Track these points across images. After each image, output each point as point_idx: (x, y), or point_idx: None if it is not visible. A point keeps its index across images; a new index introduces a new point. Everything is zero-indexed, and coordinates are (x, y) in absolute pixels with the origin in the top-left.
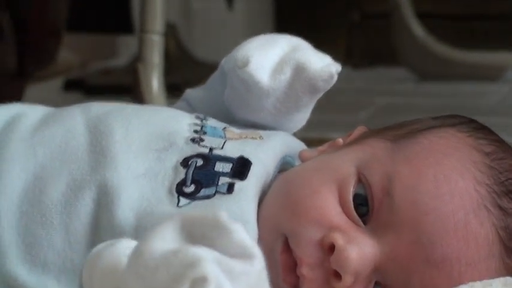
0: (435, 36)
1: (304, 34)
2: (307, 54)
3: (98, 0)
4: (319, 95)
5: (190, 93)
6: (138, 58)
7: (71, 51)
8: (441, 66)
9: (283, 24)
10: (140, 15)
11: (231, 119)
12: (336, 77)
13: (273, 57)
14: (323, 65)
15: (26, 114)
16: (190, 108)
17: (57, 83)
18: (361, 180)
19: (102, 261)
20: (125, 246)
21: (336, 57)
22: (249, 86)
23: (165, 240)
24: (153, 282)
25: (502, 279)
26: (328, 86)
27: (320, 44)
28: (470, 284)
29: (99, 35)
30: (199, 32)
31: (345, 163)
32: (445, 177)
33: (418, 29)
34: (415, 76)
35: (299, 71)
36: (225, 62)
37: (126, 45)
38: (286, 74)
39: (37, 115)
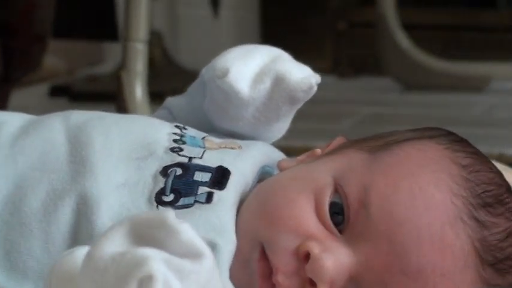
0: (420, 46)
1: (290, 43)
2: (287, 65)
3: (84, 7)
4: (299, 106)
5: (171, 101)
6: (122, 66)
7: (57, 58)
8: (426, 76)
9: (270, 32)
10: (124, 24)
11: (211, 128)
12: (315, 88)
13: (253, 68)
14: (303, 76)
15: (6, 122)
16: (171, 117)
17: (42, 89)
18: (337, 190)
19: (60, 267)
20: (83, 253)
21: (322, 66)
22: (229, 95)
23: (115, 243)
24: (103, 284)
25: None
26: (308, 97)
27: (307, 52)
28: None
29: (86, 41)
30: (185, 40)
31: (322, 173)
32: (420, 189)
33: (403, 39)
34: (400, 86)
35: (279, 81)
36: (205, 71)
37: (113, 52)
38: (266, 84)
39: (17, 123)
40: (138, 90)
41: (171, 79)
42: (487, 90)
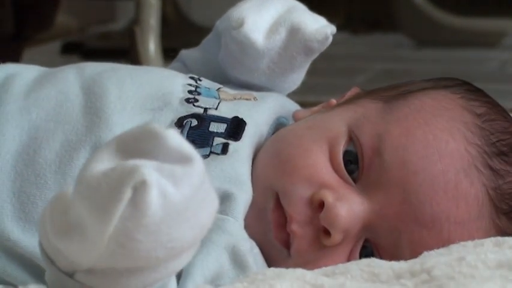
0: (433, 2)
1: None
2: (302, 15)
3: None
4: (314, 56)
5: (185, 54)
6: (135, 21)
7: (70, 15)
8: (440, 32)
9: None
10: None
11: (225, 80)
12: (330, 39)
13: (267, 18)
14: (318, 26)
15: (19, 74)
16: (186, 69)
17: (55, 46)
18: (352, 139)
19: (53, 205)
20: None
21: (335, 22)
22: (244, 46)
23: (104, 161)
24: (98, 199)
25: (493, 239)
26: (323, 48)
27: (320, 9)
28: (462, 243)
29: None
30: None
31: (336, 122)
32: (434, 138)
33: None
34: (412, 42)
35: (294, 32)
36: (219, 23)
37: (125, 9)
38: (281, 35)
39: (31, 75)
40: (151, 45)
41: (184, 35)
42: (500, 45)
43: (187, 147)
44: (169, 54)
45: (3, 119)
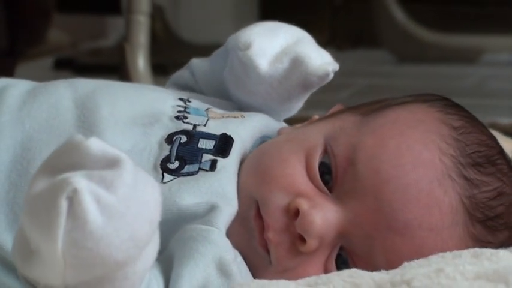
0: (415, 19)
1: (289, 17)
2: (308, 48)
3: None
4: (312, 90)
5: (195, 63)
6: (125, 37)
7: (61, 31)
8: (420, 48)
9: (269, 7)
10: None
11: (227, 95)
12: (331, 76)
13: (275, 46)
14: (321, 62)
15: (13, 87)
16: (193, 79)
17: (47, 61)
18: (327, 150)
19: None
20: None
21: (320, 39)
22: (247, 68)
23: (38, 185)
24: (38, 219)
25: (471, 250)
26: (322, 83)
27: (305, 26)
28: (441, 254)
29: (89, 15)
30: (185, 14)
31: (314, 135)
32: (408, 148)
33: (398, 12)
34: (395, 58)
35: (297, 63)
36: (230, 39)
37: (115, 26)
38: (284, 64)
39: (24, 88)
40: (141, 62)
41: (172, 52)
42: (479, 61)
43: (111, 150)
44: (157, 71)
45: None
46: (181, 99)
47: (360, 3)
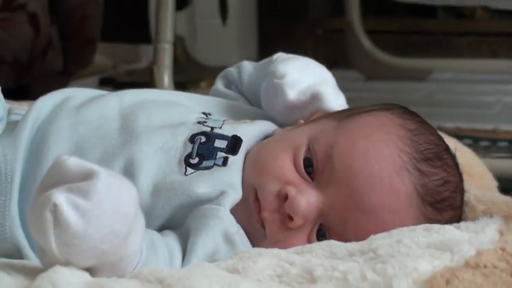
0: (379, 46)
1: (280, 45)
2: (329, 89)
3: (125, 18)
4: None
5: (245, 64)
6: (153, 62)
7: (104, 56)
8: (383, 69)
9: (265, 36)
10: (155, 29)
11: (256, 99)
12: None
13: (304, 81)
14: (335, 103)
15: (74, 97)
16: (239, 77)
17: (94, 80)
18: (310, 148)
19: None
20: None
21: None
22: (278, 93)
23: (34, 201)
24: (35, 230)
25: (423, 225)
26: None
27: (294, 51)
28: (400, 229)
29: (126, 44)
30: (201, 42)
31: (300, 136)
32: (373, 147)
33: (365, 41)
34: (363, 77)
35: (316, 98)
36: (272, 62)
37: (146, 52)
38: (307, 97)
39: (82, 97)
40: (166, 80)
41: (190, 72)
42: (429, 79)
43: (86, 165)
44: (178, 87)
45: (57, 130)
46: (203, 112)
47: (336, 34)
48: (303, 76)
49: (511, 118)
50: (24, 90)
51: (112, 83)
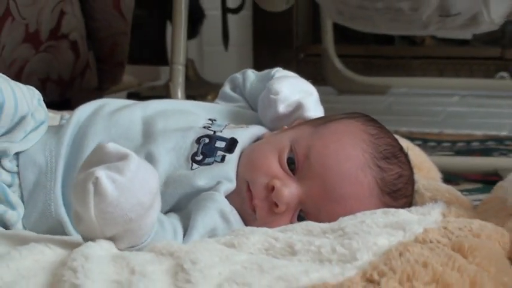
0: (348, 67)
1: (271, 66)
2: (312, 102)
3: (147, 46)
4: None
5: (249, 73)
6: (169, 79)
7: (131, 76)
8: (352, 85)
9: (258, 60)
10: (171, 54)
11: (254, 105)
12: None
13: (293, 97)
14: (315, 113)
15: (108, 103)
16: (243, 83)
17: (122, 95)
18: (292, 149)
19: None
20: None
21: None
22: (271, 105)
23: (78, 177)
24: (77, 199)
25: (381, 209)
26: None
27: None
28: (363, 212)
29: (149, 65)
30: (207, 64)
31: (283, 139)
32: (342, 148)
33: (338, 63)
34: (336, 91)
35: (299, 108)
36: (270, 75)
37: (165, 72)
38: (293, 108)
39: (115, 105)
40: (179, 95)
41: (199, 88)
42: (388, 93)
43: (121, 149)
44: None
45: (94, 132)
46: (210, 119)
47: (315, 58)
48: (292, 93)
49: (453, 124)
50: (66, 103)
51: (137, 97)
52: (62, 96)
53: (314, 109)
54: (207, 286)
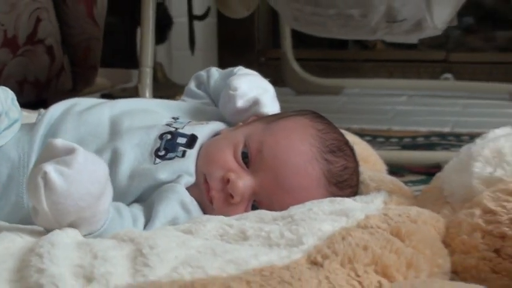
0: (305, 70)
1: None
2: (268, 98)
3: (119, 50)
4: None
5: (213, 71)
6: (138, 81)
7: (104, 78)
8: (308, 86)
9: (223, 63)
10: (140, 57)
11: (216, 101)
12: None
13: (251, 93)
14: (271, 109)
15: (78, 103)
16: (207, 80)
17: (96, 96)
18: (246, 144)
19: None
20: None
21: None
22: (231, 101)
23: (30, 172)
24: (30, 192)
25: (328, 198)
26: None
27: None
28: (311, 201)
29: (120, 68)
30: (175, 67)
31: (238, 135)
32: (292, 143)
33: (296, 66)
34: (294, 92)
35: (255, 103)
36: (232, 73)
37: (135, 75)
38: (250, 103)
39: (85, 104)
40: (147, 95)
41: (168, 89)
42: (340, 93)
43: (69, 144)
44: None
45: (64, 130)
46: (172, 117)
47: (275, 61)
48: (250, 89)
49: (400, 122)
50: (42, 104)
51: (110, 98)
52: (38, 97)
53: (270, 105)
54: (164, 269)
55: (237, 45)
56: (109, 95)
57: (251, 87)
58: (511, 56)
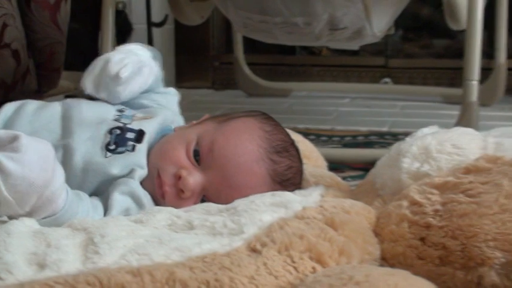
0: (256, 74)
1: (191, 71)
2: (122, 54)
3: (82, 54)
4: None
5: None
6: None
7: (68, 80)
8: (259, 89)
9: (180, 66)
10: None
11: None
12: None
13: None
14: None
15: (30, 103)
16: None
17: (60, 97)
18: (198, 143)
19: None
20: None
21: (207, 84)
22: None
23: None
24: None
25: (270, 192)
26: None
27: (198, 78)
28: (255, 195)
29: (83, 71)
30: None
31: (191, 133)
32: (241, 143)
33: (247, 70)
34: (245, 95)
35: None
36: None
37: None
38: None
39: (36, 104)
40: None
41: None
42: (289, 96)
43: (9, 131)
44: None
45: (19, 125)
46: (119, 109)
47: (228, 65)
48: (118, 54)
49: (343, 122)
50: None
51: (74, 98)
52: (5, 98)
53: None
54: (113, 256)
55: (193, 50)
56: (72, 96)
57: (129, 55)
58: (445, 62)
